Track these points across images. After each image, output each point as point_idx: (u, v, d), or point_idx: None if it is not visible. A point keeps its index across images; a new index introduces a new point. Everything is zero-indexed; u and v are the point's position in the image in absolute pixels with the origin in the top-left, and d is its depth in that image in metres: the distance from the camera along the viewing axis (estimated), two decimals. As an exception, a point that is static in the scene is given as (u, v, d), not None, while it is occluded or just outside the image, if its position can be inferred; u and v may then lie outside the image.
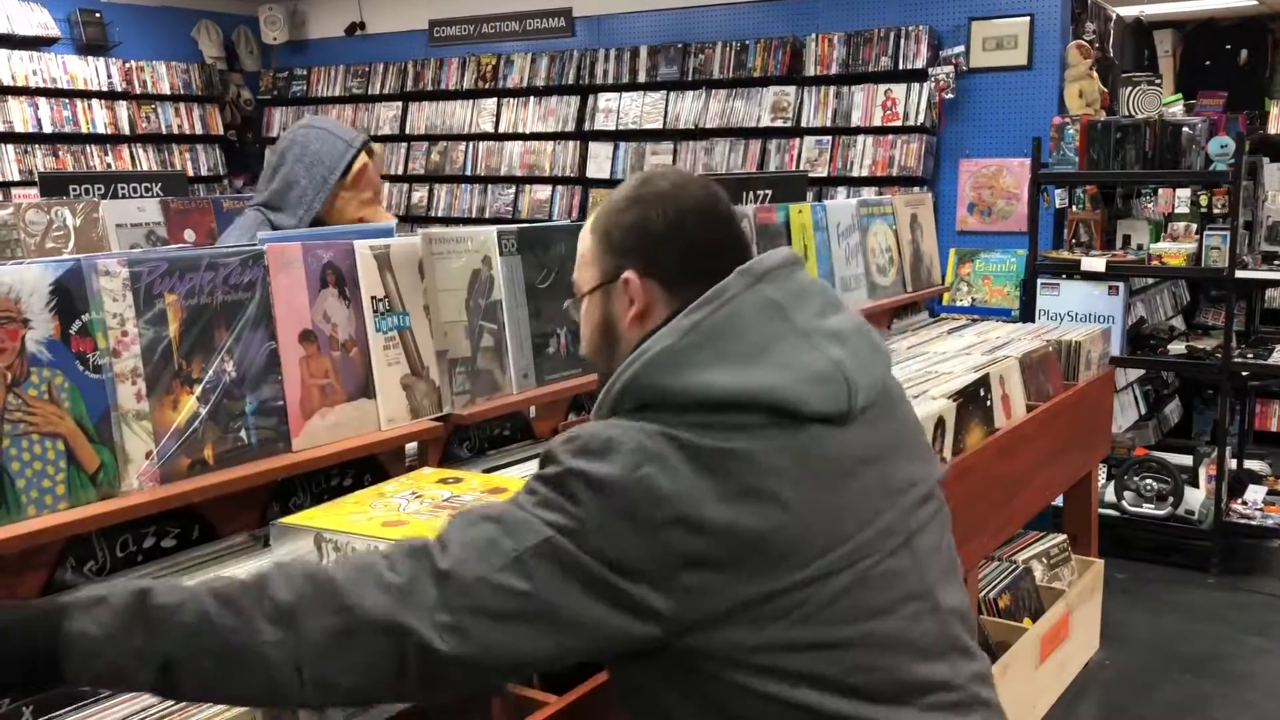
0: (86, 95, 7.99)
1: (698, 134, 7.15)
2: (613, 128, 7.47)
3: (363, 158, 2.63)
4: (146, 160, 8.34)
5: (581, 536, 1.18)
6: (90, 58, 8.00)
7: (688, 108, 7.18)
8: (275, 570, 1.19)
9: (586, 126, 7.61)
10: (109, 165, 8.02)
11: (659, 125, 7.28)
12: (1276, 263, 5.31)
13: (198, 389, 1.64)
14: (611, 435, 1.23)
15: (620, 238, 1.40)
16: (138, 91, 8.29)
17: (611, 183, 7.49)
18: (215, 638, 1.12)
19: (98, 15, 8.08)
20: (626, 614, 1.19)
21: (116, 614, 1.11)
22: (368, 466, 1.97)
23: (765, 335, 1.30)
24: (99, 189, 3.59)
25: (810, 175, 6.06)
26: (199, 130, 8.76)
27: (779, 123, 6.80)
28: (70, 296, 1.51)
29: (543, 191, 7.88)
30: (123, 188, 3.69)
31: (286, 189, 2.56)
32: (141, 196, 3.61)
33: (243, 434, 1.70)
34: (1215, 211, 5.24)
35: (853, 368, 1.32)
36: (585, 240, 1.46)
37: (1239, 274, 4.83)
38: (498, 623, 1.16)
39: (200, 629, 1.12)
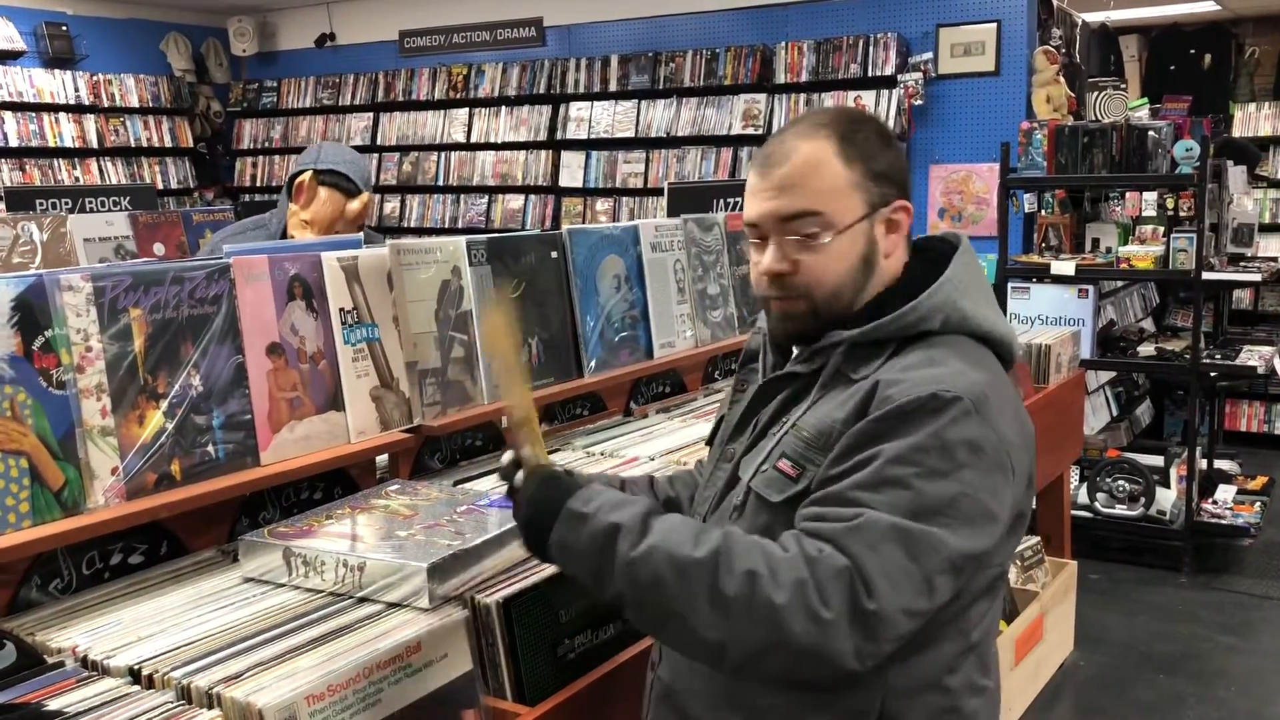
0: (53, 109, 7.92)
1: (669, 142, 7.17)
2: (585, 136, 7.48)
3: (306, 176, 2.69)
4: (115, 174, 8.28)
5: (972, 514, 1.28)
6: (57, 71, 7.94)
7: (659, 116, 7.19)
8: (727, 548, 1.25)
9: (558, 136, 7.61)
10: (77, 179, 7.96)
11: (631, 134, 7.29)
12: (1243, 264, 5.38)
13: (164, 404, 1.63)
14: (959, 390, 1.30)
15: (884, 168, 1.42)
16: (105, 105, 8.23)
17: (584, 191, 7.50)
18: (662, 596, 1.25)
19: (64, 28, 8.02)
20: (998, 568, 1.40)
21: (594, 536, 1.29)
22: (337, 479, 1.96)
23: (989, 289, 1.49)
24: (66, 203, 3.57)
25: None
26: (168, 143, 8.70)
27: (750, 130, 6.82)
28: (33, 312, 1.50)
29: (515, 201, 7.88)
30: (91, 201, 3.67)
31: (281, 199, 2.77)
32: (110, 210, 3.59)
33: (210, 448, 1.69)
34: (1182, 214, 5.30)
35: None
36: (837, 171, 1.38)
37: (1206, 276, 4.89)
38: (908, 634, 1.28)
39: (653, 585, 1.26)
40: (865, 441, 1.29)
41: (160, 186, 8.54)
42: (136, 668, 1.34)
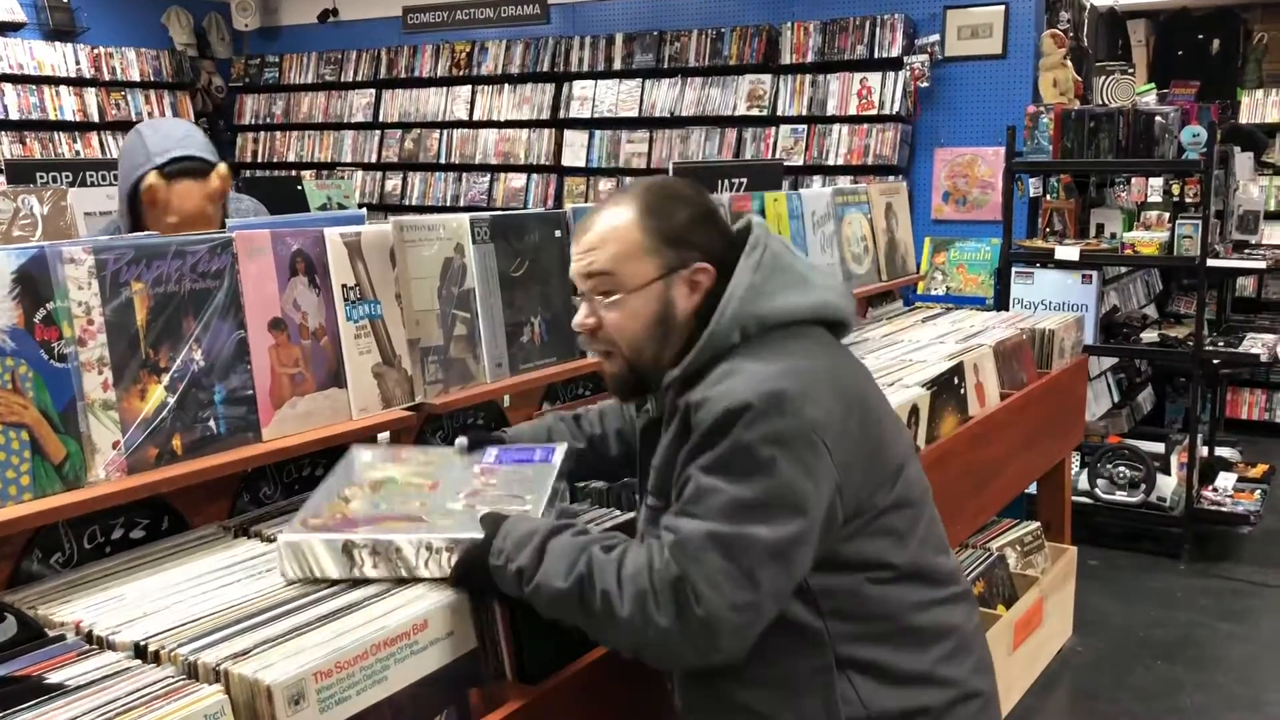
0: (54, 81, 7.87)
1: (673, 122, 7.13)
2: (588, 115, 7.44)
3: (151, 178, 2.36)
4: (116, 148, 8.23)
5: (783, 507, 1.40)
6: (58, 43, 7.89)
7: (663, 96, 7.16)
8: (589, 573, 1.41)
9: (561, 114, 7.57)
10: (77, 153, 7.92)
11: (634, 113, 7.25)
12: (1247, 251, 5.36)
13: (165, 378, 1.62)
14: (747, 397, 1.40)
15: (685, 233, 1.54)
16: (107, 78, 8.18)
17: (587, 171, 7.47)
18: (565, 615, 1.45)
19: (65, 1, 7.97)
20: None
21: (508, 582, 1.45)
22: (339, 456, 1.95)
23: (799, 267, 1.58)
24: (67, 176, 3.54)
25: (786, 164, 6.05)
26: (170, 117, 8.65)
27: (754, 111, 6.79)
28: (34, 284, 1.49)
29: (518, 180, 7.85)
30: (91, 175, 3.64)
31: (119, 207, 2.46)
32: (111, 184, 3.57)
33: (211, 423, 1.68)
34: (1187, 200, 5.28)
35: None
36: (630, 237, 1.53)
37: (1210, 263, 4.87)
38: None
39: (551, 609, 1.45)
40: (684, 465, 1.45)
41: (161, 161, 8.50)
42: (143, 643, 1.33)
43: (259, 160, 9.09)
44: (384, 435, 2.03)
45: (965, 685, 1.55)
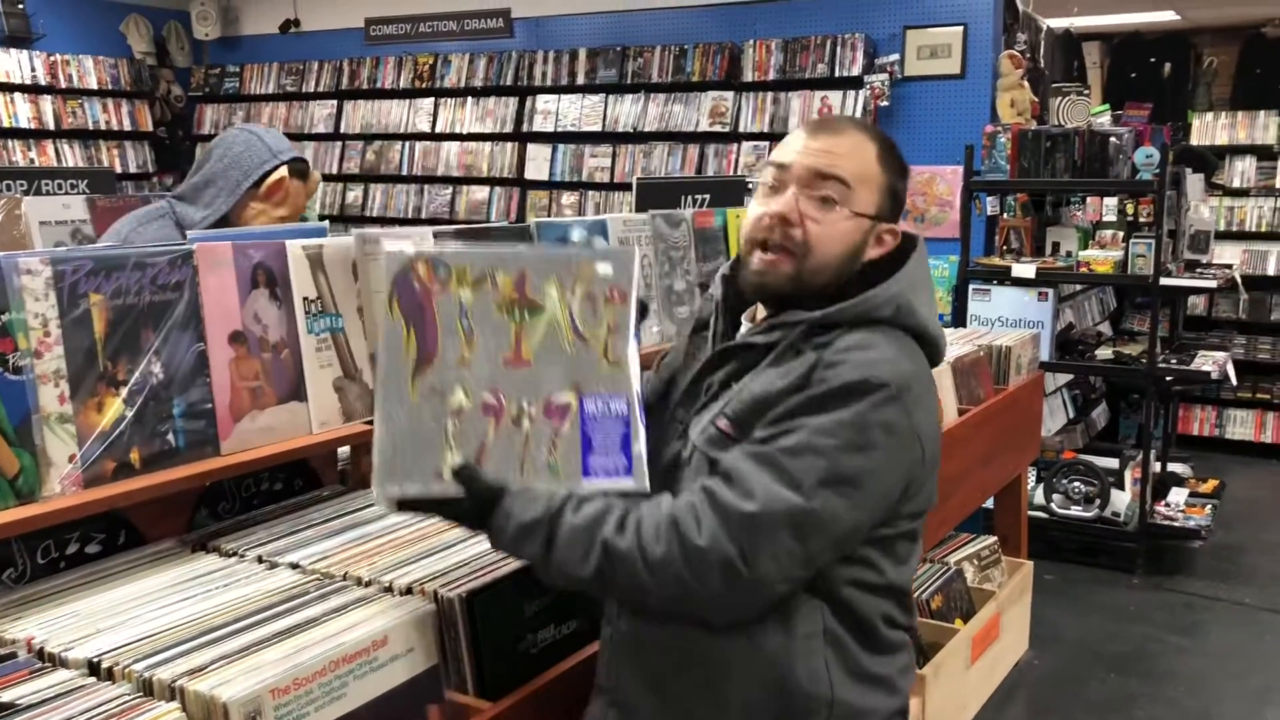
0: (8, 88, 7.75)
1: (636, 137, 7.16)
2: (551, 129, 7.45)
3: (281, 171, 2.54)
4: (72, 156, 8.13)
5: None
6: (13, 50, 7.77)
7: (626, 111, 7.18)
8: (610, 562, 1.38)
9: (525, 128, 7.58)
10: (32, 161, 7.80)
11: (598, 128, 7.27)
12: (1199, 270, 5.46)
13: (124, 391, 1.60)
14: (886, 377, 1.42)
15: (901, 191, 1.58)
16: (63, 86, 8.07)
17: (550, 184, 7.48)
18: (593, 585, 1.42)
19: (20, 6, 7.86)
20: None
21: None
22: (299, 470, 1.94)
23: (934, 292, 1.62)
24: (22, 185, 3.49)
25: (748, 180, 6.09)
26: (128, 126, 8.55)
27: (717, 127, 6.83)
28: (-11, 295, 1.47)
29: (480, 192, 7.84)
30: (47, 184, 3.59)
31: (204, 185, 2.51)
32: (67, 193, 3.52)
33: (170, 437, 1.66)
34: (1141, 220, 5.37)
35: None
36: (873, 167, 1.54)
37: (1163, 281, 4.96)
38: None
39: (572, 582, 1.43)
40: (795, 412, 1.42)
41: (119, 170, 8.40)
42: (96, 660, 1.32)
43: (218, 170, 9.00)
44: (344, 450, 2.02)
45: (906, 702, 1.58)
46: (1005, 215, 5.71)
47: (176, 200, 2.52)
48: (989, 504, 4.08)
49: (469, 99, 7.83)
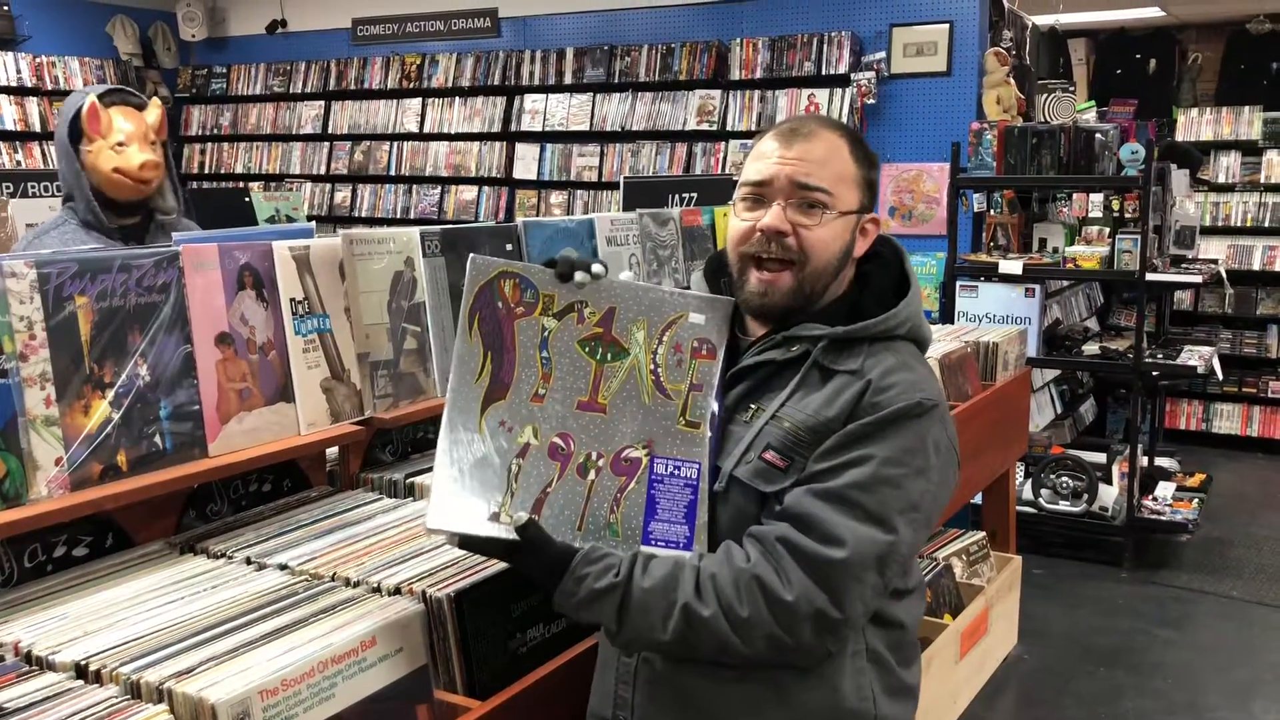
0: (-6, 90, 7.74)
1: (624, 136, 7.16)
2: (539, 129, 7.45)
3: (90, 100, 2.49)
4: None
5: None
6: (-2, 52, 7.76)
7: (614, 110, 7.18)
8: (693, 627, 1.35)
9: (513, 127, 7.58)
10: (18, 163, 7.77)
11: (585, 127, 7.27)
12: (1184, 266, 5.48)
13: (110, 393, 1.60)
14: (933, 396, 1.45)
15: (874, 181, 1.57)
16: (49, 87, 8.04)
17: (539, 184, 7.48)
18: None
19: (5, 8, 7.83)
20: None
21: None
22: (287, 471, 1.94)
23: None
24: (8, 187, 3.49)
25: (735, 179, 6.10)
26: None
27: (705, 126, 6.84)
28: (-26, 299, 1.47)
29: (469, 192, 7.83)
30: (33, 186, 3.59)
31: (63, 174, 2.56)
32: (53, 195, 3.51)
33: (157, 439, 1.66)
34: (1127, 216, 5.39)
35: None
36: (850, 165, 1.53)
37: (1149, 277, 4.98)
38: None
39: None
40: (856, 441, 1.40)
41: (105, 172, 8.36)
42: (84, 663, 1.32)
43: (206, 172, 8.99)
44: (332, 451, 2.02)
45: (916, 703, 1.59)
46: (992, 212, 5.72)
47: (66, 201, 2.58)
48: (977, 499, 4.10)
49: (456, 99, 7.82)
